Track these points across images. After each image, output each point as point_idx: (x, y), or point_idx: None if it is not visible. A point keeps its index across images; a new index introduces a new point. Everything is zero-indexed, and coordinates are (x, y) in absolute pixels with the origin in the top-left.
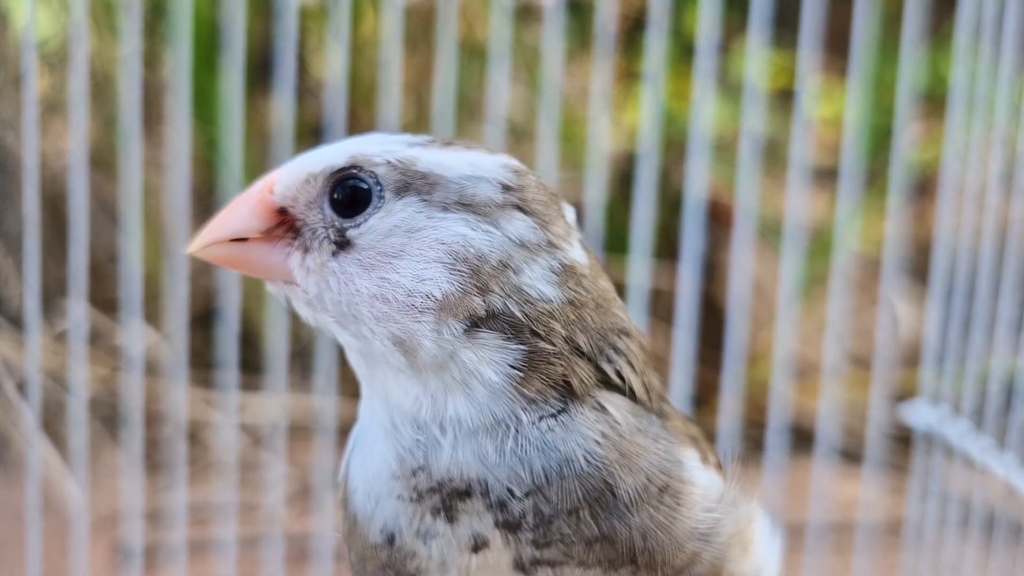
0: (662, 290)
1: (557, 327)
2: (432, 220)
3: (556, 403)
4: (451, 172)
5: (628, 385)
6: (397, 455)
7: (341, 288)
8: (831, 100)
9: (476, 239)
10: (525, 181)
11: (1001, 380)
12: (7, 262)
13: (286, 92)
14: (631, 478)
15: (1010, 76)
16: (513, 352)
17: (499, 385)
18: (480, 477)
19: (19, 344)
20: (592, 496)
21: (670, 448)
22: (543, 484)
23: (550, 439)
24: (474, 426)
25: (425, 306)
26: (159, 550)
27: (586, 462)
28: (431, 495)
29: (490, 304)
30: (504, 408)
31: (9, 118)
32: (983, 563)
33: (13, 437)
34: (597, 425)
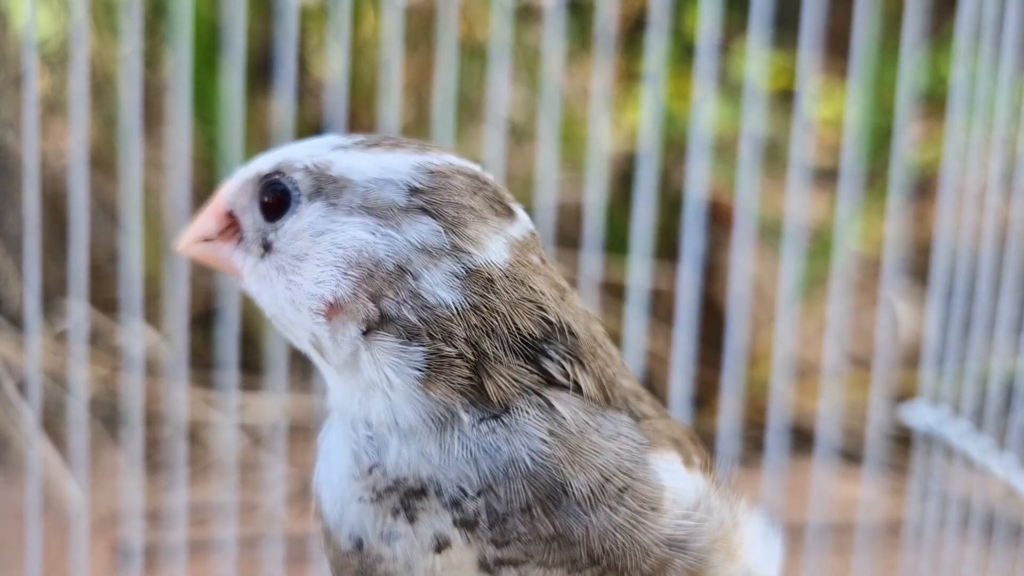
0: (662, 290)
1: (457, 332)
2: (334, 224)
3: (481, 405)
4: (359, 175)
5: (577, 383)
6: (353, 454)
7: (264, 290)
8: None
9: (372, 243)
10: (440, 183)
11: (1001, 381)
12: (7, 262)
13: (286, 92)
14: (583, 475)
15: (1010, 77)
16: (413, 355)
17: (404, 388)
18: (431, 476)
19: (19, 344)
20: (543, 494)
21: (635, 449)
22: (492, 484)
23: (493, 440)
24: (408, 426)
25: (320, 309)
26: (159, 550)
27: (532, 461)
28: (389, 494)
29: (384, 308)
30: (426, 410)
31: (9, 118)
32: (983, 564)
33: (13, 437)
34: (543, 423)
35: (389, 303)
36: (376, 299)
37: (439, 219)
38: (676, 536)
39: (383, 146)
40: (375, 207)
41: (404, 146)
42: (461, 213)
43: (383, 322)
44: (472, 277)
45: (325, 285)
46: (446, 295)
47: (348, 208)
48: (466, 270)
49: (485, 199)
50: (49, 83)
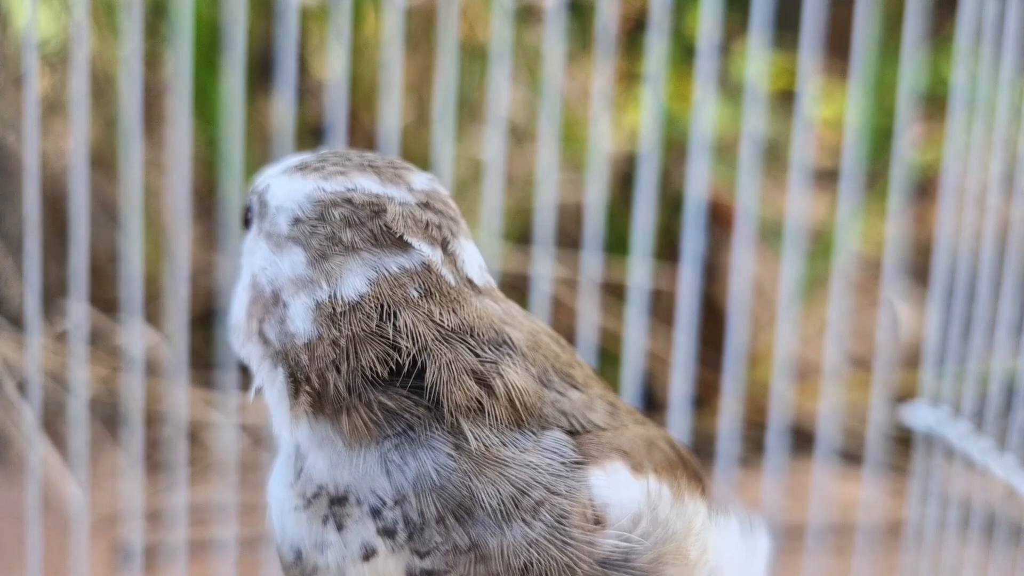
0: (662, 291)
1: (303, 360)
2: (255, 247)
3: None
4: (273, 201)
5: (452, 405)
6: (285, 459)
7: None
8: (832, 101)
9: (262, 270)
10: (319, 213)
11: (1002, 381)
12: (8, 262)
13: (287, 93)
14: (492, 488)
15: (1011, 78)
16: (278, 381)
17: (282, 410)
18: (349, 485)
19: (19, 344)
20: (452, 505)
21: (559, 464)
22: (406, 494)
23: (400, 455)
24: (309, 440)
25: (234, 326)
26: (159, 550)
27: (438, 475)
28: (316, 501)
29: (263, 332)
30: (315, 427)
31: (10, 118)
32: (983, 564)
33: (13, 437)
34: (450, 438)
35: (267, 328)
36: (260, 323)
37: (307, 250)
38: (612, 557)
39: (308, 170)
40: (272, 234)
41: (323, 170)
42: (325, 245)
43: (264, 345)
44: (319, 309)
45: (237, 305)
46: (300, 325)
47: (262, 233)
48: (316, 302)
49: (367, 231)
50: (49, 83)
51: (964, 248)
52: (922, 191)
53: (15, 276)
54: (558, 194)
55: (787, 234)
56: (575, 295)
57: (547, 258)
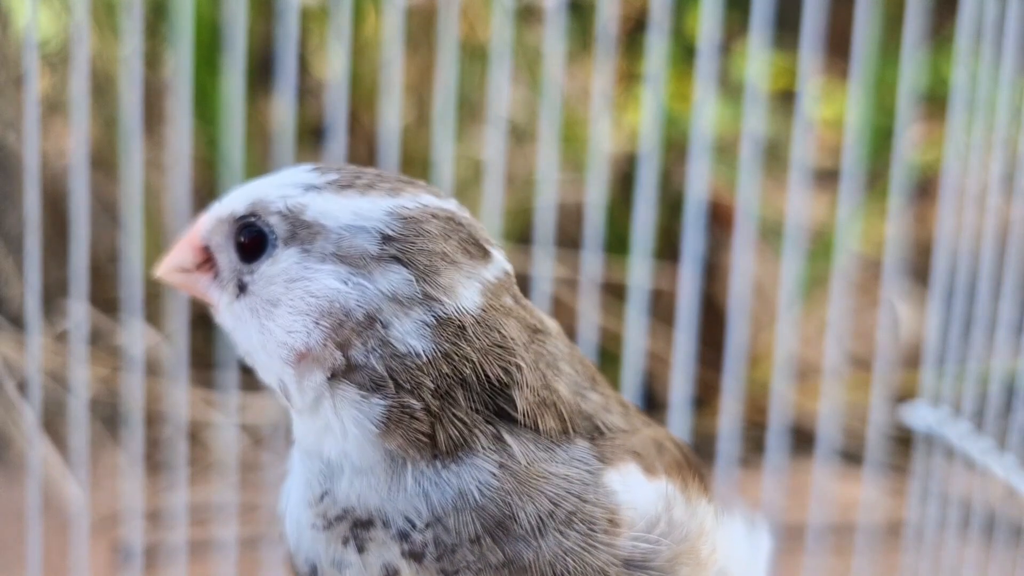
0: (663, 291)
1: (426, 381)
2: (308, 271)
3: (433, 450)
4: (332, 222)
5: (536, 420)
6: (307, 481)
7: (238, 328)
8: (832, 101)
9: (343, 293)
10: (414, 229)
11: (1002, 381)
12: (8, 262)
13: (287, 92)
14: (531, 505)
15: (1011, 78)
16: (374, 407)
17: (360, 437)
18: (379, 508)
19: (20, 344)
20: (491, 524)
21: (586, 473)
22: (441, 516)
23: (444, 475)
24: (360, 465)
25: (289, 358)
26: (159, 550)
27: (480, 494)
28: (339, 523)
29: (351, 358)
30: (379, 454)
31: (10, 118)
32: (983, 564)
33: (14, 437)
34: (493, 456)
35: (357, 352)
36: (344, 348)
37: (411, 268)
38: (634, 557)
39: (356, 187)
40: (348, 255)
41: (377, 187)
42: (433, 260)
43: (348, 371)
44: (443, 325)
45: (296, 335)
46: (416, 343)
47: (321, 255)
48: (437, 319)
49: (460, 242)
50: (50, 83)
51: (964, 248)
52: (922, 191)
53: (15, 276)
54: (558, 194)
55: (787, 234)
56: (575, 295)
57: (547, 258)
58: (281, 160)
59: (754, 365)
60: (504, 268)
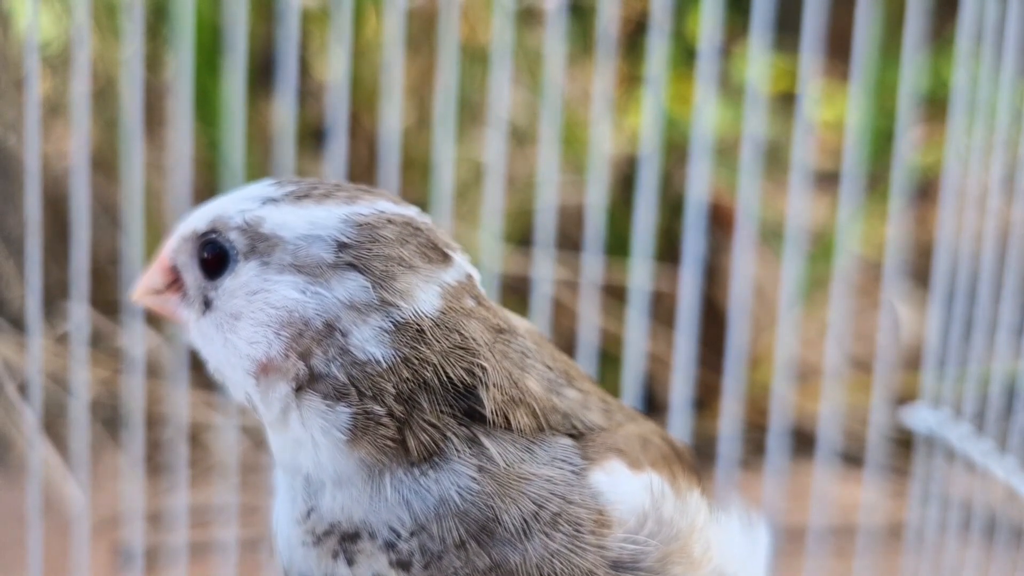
0: (663, 293)
1: (387, 387)
2: (267, 283)
3: (406, 456)
4: (289, 232)
5: (508, 419)
6: (292, 498)
7: (205, 345)
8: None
9: (302, 303)
10: (369, 235)
11: (1002, 383)
12: (9, 264)
13: (288, 95)
14: (515, 508)
15: (1011, 80)
16: (340, 415)
17: (329, 446)
18: (364, 520)
19: (20, 346)
20: (475, 529)
21: (570, 472)
22: (424, 524)
23: (424, 482)
24: (338, 476)
25: (251, 370)
26: (160, 552)
27: (461, 499)
28: (327, 538)
29: (313, 367)
30: (354, 463)
31: (11, 120)
32: (984, 566)
33: (14, 439)
34: (471, 459)
35: (319, 361)
36: (306, 358)
37: (367, 274)
38: (622, 558)
39: (313, 197)
40: (305, 265)
41: (334, 196)
42: (389, 265)
43: (312, 380)
44: (401, 330)
45: (258, 346)
46: (375, 350)
47: (280, 266)
48: (395, 324)
49: (417, 246)
50: (51, 85)
51: (965, 250)
52: (923, 193)
53: (16, 278)
54: (559, 196)
55: (788, 236)
56: (576, 297)
57: (548, 260)
58: (282, 162)
59: (755, 367)
60: (465, 271)
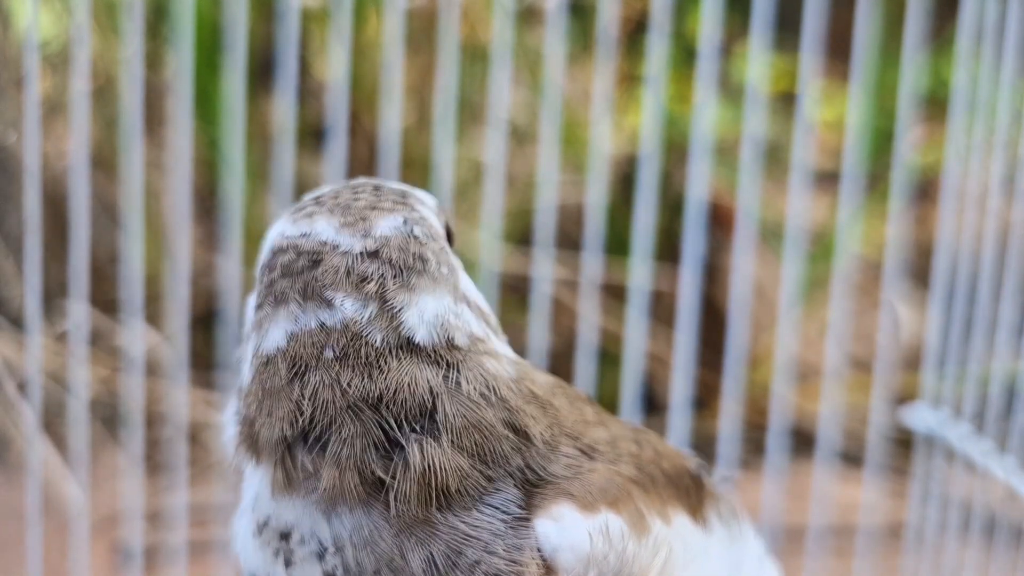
0: (663, 292)
1: (242, 405)
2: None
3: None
4: (265, 245)
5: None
6: (248, 487)
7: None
8: (833, 103)
9: (251, 307)
10: (273, 262)
11: (1002, 383)
12: (8, 263)
13: (288, 94)
14: (423, 550)
15: (1012, 80)
16: (234, 428)
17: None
18: (291, 523)
19: (20, 344)
20: (385, 560)
21: (499, 524)
22: (343, 544)
23: (343, 505)
24: (260, 476)
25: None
26: (159, 551)
27: (369, 531)
28: (266, 530)
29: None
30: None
31: (11, 119)
32: (984, 566)
33: (14, 437)
34: (381, 495)
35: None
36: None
37: (258, 297)
38: None
39: (306, 210)
40: (258, 278)
41: (305, 210)
42: (265, 294)
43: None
44: (255, 358)
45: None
46: (245, 371)
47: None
48: (253, 351)
49: (302, 283)
50: (51, 84)
51: (965, 250)
52: (923, 193)
53: (16, 276)
54: (559, 195)
55: (788, 236)
56: (576, 296)
57: (548, 259)
58: (282, 161)
59: (754, 367)
60: (343, 319)
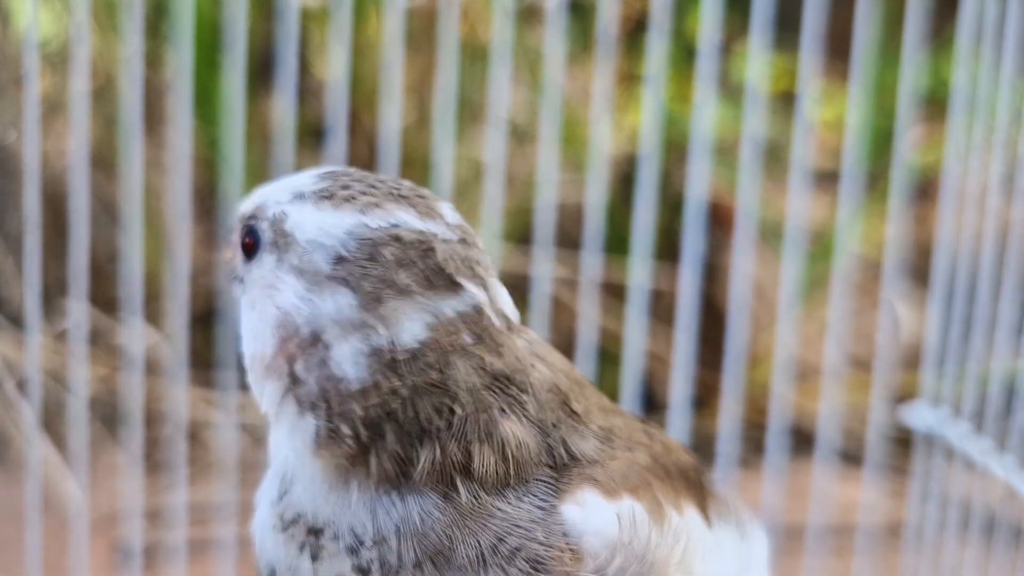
0: (663, 292)
1: (356, 409)
2: (278, 280)
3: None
4: (301, 235)
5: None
6: (271, 480)
7: (241, 319)
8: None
9: (296, 308)
10: (368, 252)
11: (1002, 382)
12: (8, 261)
13: (288, 93)
14: (473, 539)
15: (1011, 79)
16: (308, 425)
17: (302, 450)
18: (329, 520)
19: (19, 343)
20: (432, 551)
21: (537, 510)
22: (386, 537)
23: (388, 498)
24: (308, 476)
25: (253, 363)
26: (159, 550)
27: (422, 523)
28: (294, 526)
29: (295, 373)
30: (320, 468)
31: (11, 118)
32: (983, 565)
33: (13, 436)
34: (441, 487)
35: (300, 369)
36: (291, 362)
37: (356, 292)
38: None
39: (336, 199)
40: (306, 270)
41: (356, 201)
42: (378, 288)
43: (294, 385)
44: (376, 356)
45: (260, 341)
46: (350, 370)
47: (289, 267)
48: (371, 348)
49: (419, 272)
50: (50, 83)
51: (964, 249)
52: (922, 193)
53: (15, 275)
54: (558, 195)
55: (787, 235)
56: (575, 295)
57: (547, 258)
58: (281, 160)
59: (754, 366)
60: (474, 303)
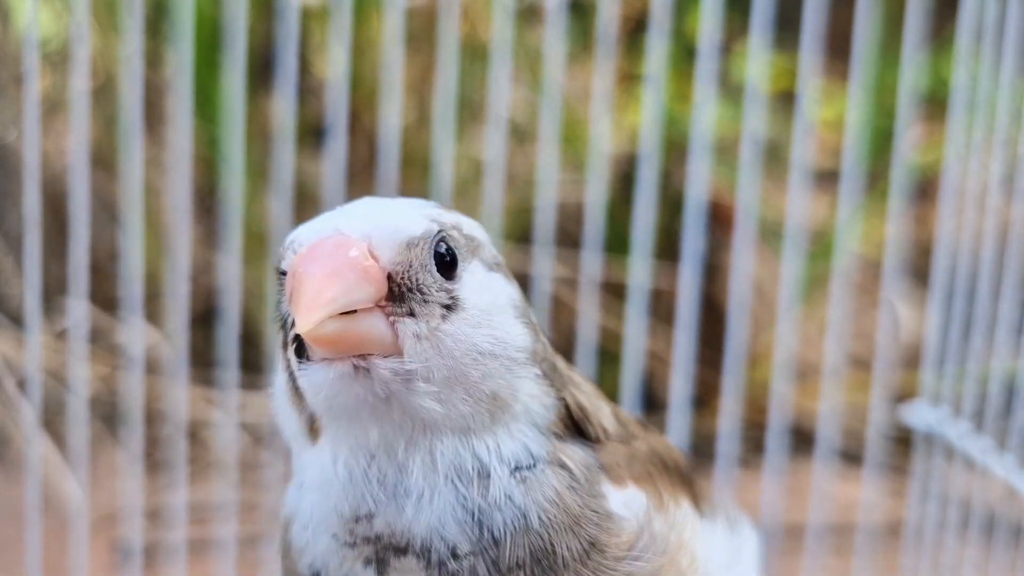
0: (663, 291)
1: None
2: (491, 279)
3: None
4: (480, 234)
5: (591, 431)
6: (352, 498)
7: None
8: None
9: (517, 296)
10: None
11: (1002, 381)
12: (8, 260)
13: (288, 92)
14: (574, 542)
15: (1011, 79)
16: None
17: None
18: (427, 536)
19: (19, 342)
20: (537, 554)
21: (602, 502)
22: (499, 539)
23: (518, 491)
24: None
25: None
26: (159, 549)
27: (539, 521)
28: (366, 544)
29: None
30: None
31: (11, 117)
32: (983, 564)
33: (13, 435)
34: (555, 482)
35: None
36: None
37: (508, 280)
38: (634, 572)
39: (455, 210)
40: (496, 263)
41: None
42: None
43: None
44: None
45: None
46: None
47: (488, 264)
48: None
49: None
50: (51, 82)
51: (964, 249)
52: (922, 192)
53: (15, 274)
54: (559, 194)
55: (787, 234)
56: (575, 294)
57: (547, 257)
58: (281, 160)
59: (754, 365)
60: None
